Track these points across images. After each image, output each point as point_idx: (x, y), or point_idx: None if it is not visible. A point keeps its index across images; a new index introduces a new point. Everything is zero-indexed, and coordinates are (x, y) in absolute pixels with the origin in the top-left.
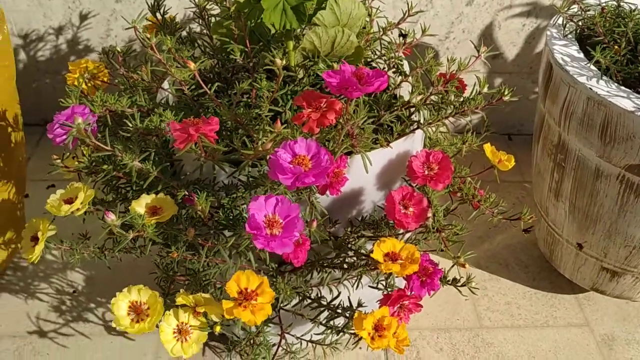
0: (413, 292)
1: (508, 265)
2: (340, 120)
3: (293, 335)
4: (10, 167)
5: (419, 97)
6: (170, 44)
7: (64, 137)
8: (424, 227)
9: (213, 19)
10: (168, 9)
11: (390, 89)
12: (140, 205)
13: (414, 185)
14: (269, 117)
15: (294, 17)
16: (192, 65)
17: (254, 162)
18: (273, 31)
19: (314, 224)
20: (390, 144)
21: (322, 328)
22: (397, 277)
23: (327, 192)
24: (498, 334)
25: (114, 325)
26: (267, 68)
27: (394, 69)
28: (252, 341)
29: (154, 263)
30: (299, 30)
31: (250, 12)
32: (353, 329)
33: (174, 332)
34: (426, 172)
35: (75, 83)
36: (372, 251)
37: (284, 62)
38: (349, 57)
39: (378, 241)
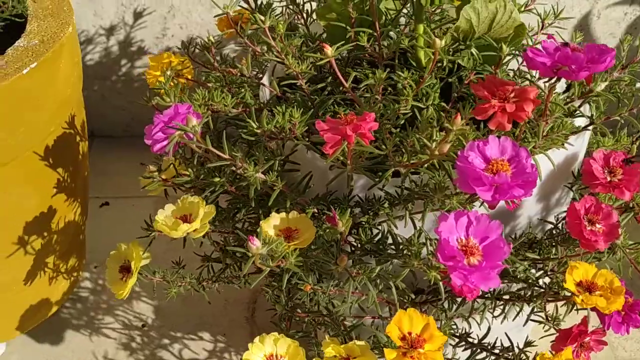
0: (609, 329)
1: None
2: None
3: None
4: (77, 183)
5: (603, 85)
6: (282, 30)
7: (166, 142)
8: (610, 247)
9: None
10: None
11: None
12: (270, 227)
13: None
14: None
15: None
16: (329, 50)
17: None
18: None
19: (509, 249)
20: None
21: None
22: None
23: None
24: None
25: None
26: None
27: None
28: None
29: (268, 296)
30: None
31: None
32: None
33: None
34: (608, 178)
35: (160, 79)
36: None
37: (444, 42)
38: (505, 40)
39: (569, 267)
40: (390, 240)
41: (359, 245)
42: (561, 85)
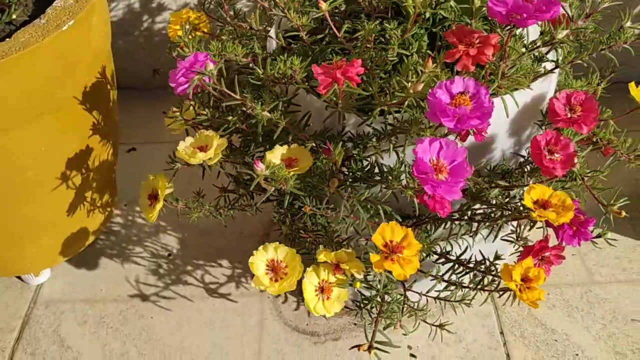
0: (563, 243)
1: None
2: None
3: (417, 292)
4: (109, 127)
5: (564, 33)
6: None
7: (187, 85)
8: (569, 174)
9: None
10: None
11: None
12: (275, 157)
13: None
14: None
15: None
16: (323, 5)
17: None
18: None
19: (471, 170)
20: (530, 85)
21: (443, 284)
22: (547, 226)
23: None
24: (612, 289)
25: (254, 285)
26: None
27: None
28: (381, 298)
29: (278, 222)
30: None
31: None
32: (482, 285)
33: (316, 290)
34: (569, 115)
35: (179, 33)
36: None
37: None
38: None
39: (528, 188)
40: (377, 170)
41: (351, 174)
42: (536, 34)
